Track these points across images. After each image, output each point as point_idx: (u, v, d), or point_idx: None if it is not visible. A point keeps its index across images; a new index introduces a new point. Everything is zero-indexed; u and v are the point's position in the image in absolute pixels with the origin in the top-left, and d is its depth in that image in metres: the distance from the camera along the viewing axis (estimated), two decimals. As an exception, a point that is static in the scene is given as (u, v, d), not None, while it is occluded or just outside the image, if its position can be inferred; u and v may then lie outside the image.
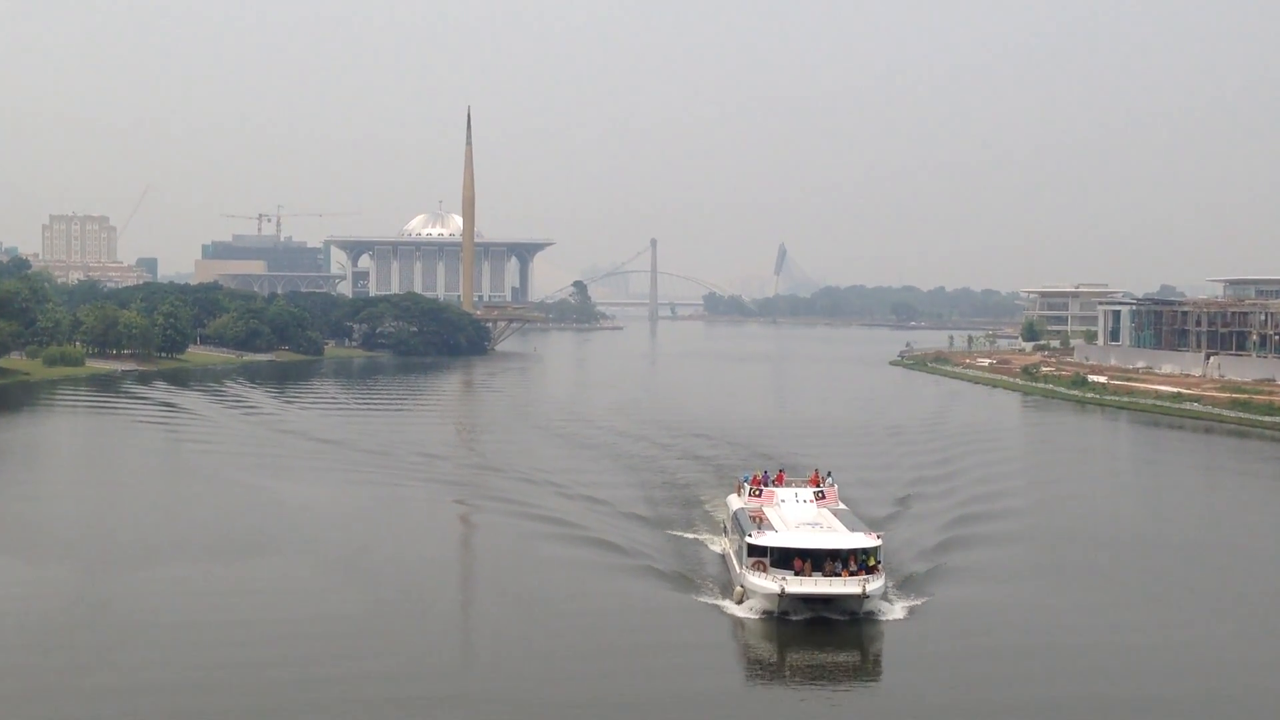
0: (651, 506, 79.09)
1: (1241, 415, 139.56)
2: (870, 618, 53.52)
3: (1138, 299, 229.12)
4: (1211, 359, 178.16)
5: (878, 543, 56.62)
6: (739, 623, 53.73)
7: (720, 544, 67.44)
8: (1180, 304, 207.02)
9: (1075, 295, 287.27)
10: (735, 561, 59.75)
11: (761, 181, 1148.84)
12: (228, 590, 58.90)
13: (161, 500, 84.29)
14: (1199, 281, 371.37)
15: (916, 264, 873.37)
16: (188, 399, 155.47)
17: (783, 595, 53.23)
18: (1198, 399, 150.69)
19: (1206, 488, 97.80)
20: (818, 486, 68.34)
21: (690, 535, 70.63)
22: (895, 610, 54.82)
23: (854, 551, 55.63)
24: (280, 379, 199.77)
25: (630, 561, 63.49)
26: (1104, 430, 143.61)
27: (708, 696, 45.40)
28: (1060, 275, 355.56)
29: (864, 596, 53.02)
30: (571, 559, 64.19)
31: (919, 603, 56.36)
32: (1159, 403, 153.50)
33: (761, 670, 49.82)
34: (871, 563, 55.50)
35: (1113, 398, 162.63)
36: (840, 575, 54.18)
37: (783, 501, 65.30)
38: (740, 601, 55.41)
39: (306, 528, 71.52)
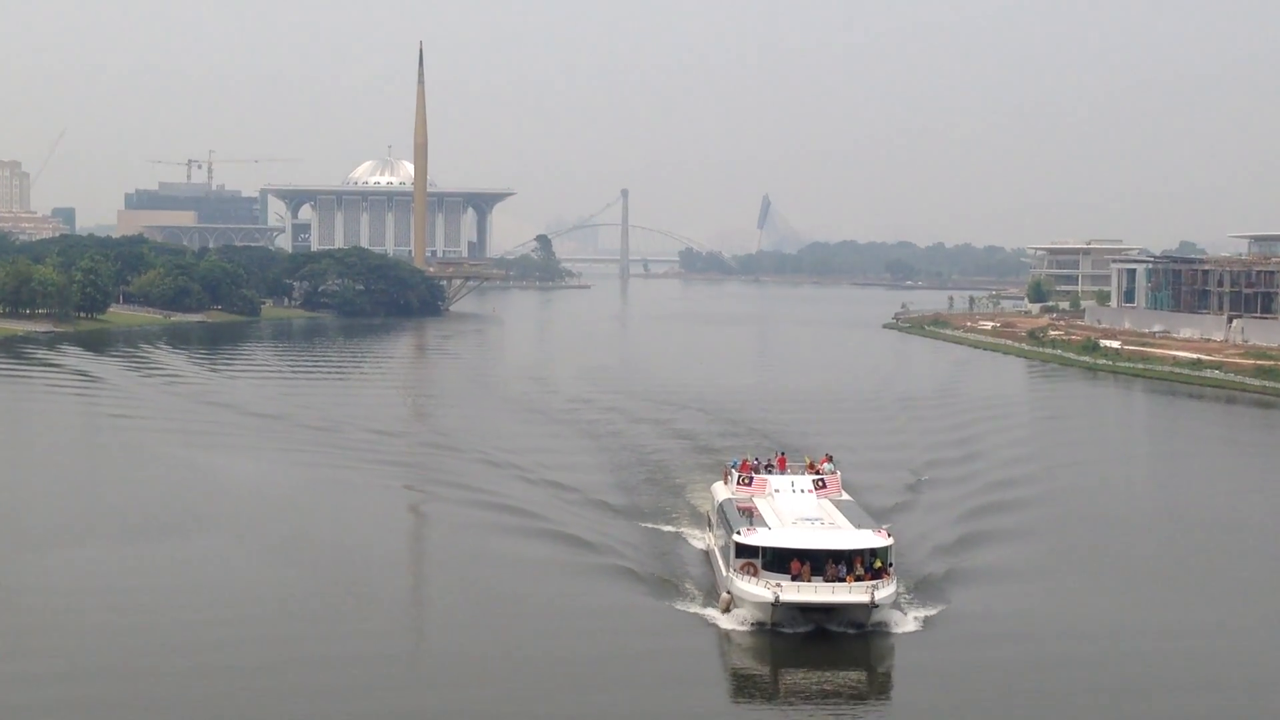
0: (625, 493, 76.24)
1: (1267, 384, 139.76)
2: (879, 630, 50.14)
3: (1154, 257, 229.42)
4: (1234, 322, 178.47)
5: (888, 542, 52.88)
6: (725, 636, 50.47)
7: (704, 539, 64.07)
8: (1201, 262, 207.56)
9: (1086, 252, 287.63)
10: (721, 563, 56.12)
11: (745, 127, 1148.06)
12: (151, 574, 58.32)
13: (75, 477, 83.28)
14: (1221, 238, 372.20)
15: (913, 218, 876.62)
16: (107, 366, 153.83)
17: (776, 604, 49.64)
18: (1219, 366, 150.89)
19: (1231, 464, 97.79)
20: (816, 474, 64.48)
21: (669, 528, 67.38)
22: (908, 621, 51.43)
23: (860, 552, 52.07)
24: (212, 342, 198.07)
25: (599, 560, 60.61)
26: (1119, 401, 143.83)
27: (684, 715, 42.95)
28: (1070, 231, 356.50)
29: (872, 606, 49.39)
30: (532, 556, 61.24)
31: (935, 611, 52.97)
32: (1177, 370, 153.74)
33: (751, 692, 46.62)
34: (880, 565, 51.81)
35: (1126, 365, 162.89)
36: (844, 581, 50.63)
37: (777, 491, 61.36)
38: (727, 610, 51.90)
39: (238, 516, 69.95)
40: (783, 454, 69.88)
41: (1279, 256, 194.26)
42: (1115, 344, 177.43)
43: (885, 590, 50.32)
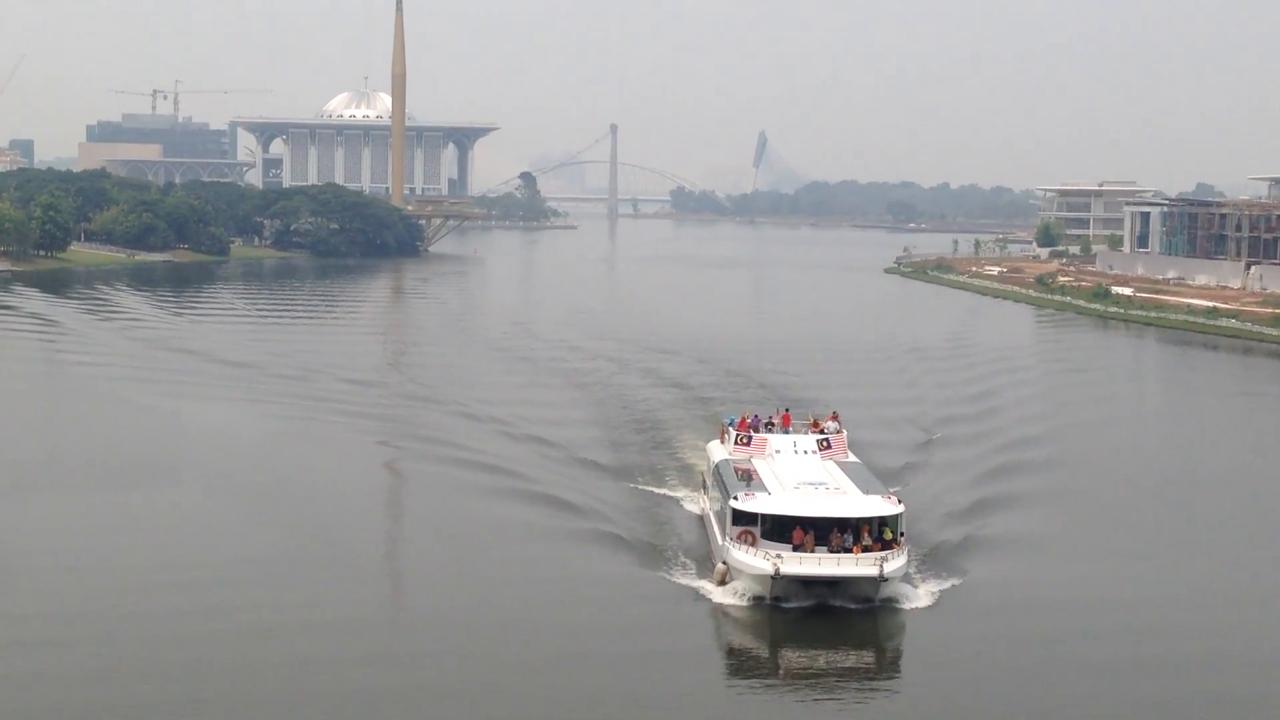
0: (613, 451, 74.73)
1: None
2: (888, 606, 48.21)
3: (1169, 199, 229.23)
4: (1252, 269, 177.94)
5: (899, 509, 50.77)
6: (720, 610, 48.61)
7: (699, 503, 62.06)
8: (1218, 205, 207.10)
9: (1098, 195, 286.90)
10: (716, 530, 54.00)
11: (741, 60, 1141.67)
12: (114, 527, 57.96)
13: (31, 426, 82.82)
14: (1240, 180, 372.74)
15: (917, 157, 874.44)
16: (66, 309, 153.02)
17: (777, 576, 47.54)
18: (1235, 315, 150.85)
19: (1250, 420, 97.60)
20: (820, 433, 62.40)
21: (660, 490, 65.67)
22: (919, 596, 49.60)
23: (868, 521, 50.11)
24: (178, 283, 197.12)
25: (584, 524, 58.82)
26: (1132, 351, 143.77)
27: (676, 704, 40.87)
28: (1082, 172, 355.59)
29: (881, 579, 47.36)
30: (513, 520, 59.47)
31: (949, 585, 51.08)
32: (1191, 319, 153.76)
33: (747, 672, 44.83)
34: (890, 535, 49.86)
35: (1139, 313, 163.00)
36: (850, 552, 48.57)
37: (778, 452, 59.25)
38: (722, 583, 50.04)
39: (205, 470, 69.17)
40: (787, 410, 67.74)
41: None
42: (1127, 291, 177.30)
43: (895, 562, 48.34)
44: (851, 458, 60.53)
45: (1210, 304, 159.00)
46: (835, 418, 64.92)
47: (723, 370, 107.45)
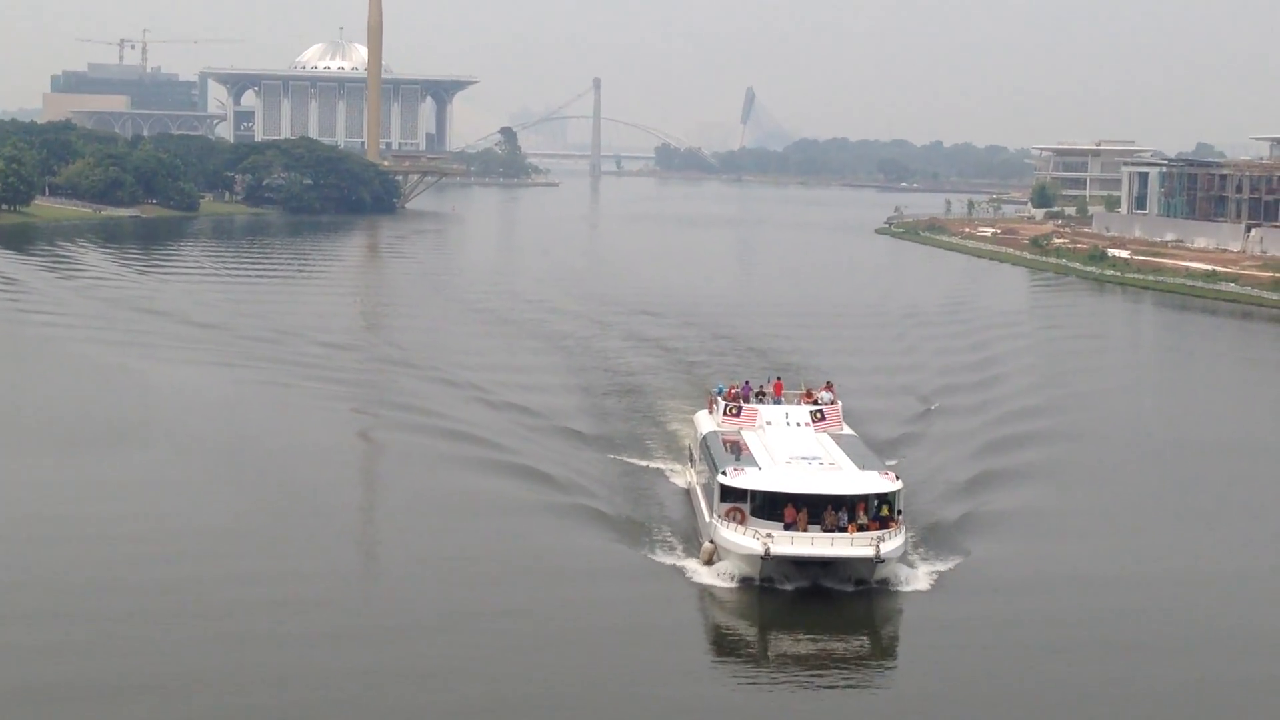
0: (595, 420, 73.62)
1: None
2: (884, 588, 46.91)
3: (1168, 159, 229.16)
4: (1253, 231, 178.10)
5: (897, 486, 49.29)
6: (706, 592, 47.18)
7: (685, 476, 60.54)
8: (1218, 166, 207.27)
9: (1095, 154, 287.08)
10: (703, 506, 52.39)
11: (728, 13, 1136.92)
12: (79, 492, 57.55)
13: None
14: (1241, 140, 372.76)
15: (909, 115, 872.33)
16: (29, 266, 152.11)
17: (767, 557, 46.13)
18: (1235, 279, 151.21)
19: (1254, 388, 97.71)
20: (814, 403, 60.56)
21: (644, 463, 64.09)
22: (917, 577, 48.11)
23: (865, 498, 48.61)
24: (145, 240, 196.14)
25: (564, 498, 57.44)
26: (1130, 316, 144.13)
27: (658, 690, 39.55)
28: (1079, 130, 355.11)
29: (877, 560, 45.94)
30: (490, 493, 58.09)
31: (949, 566, 49.64)
32: (1189, 282, 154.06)
33: (735, 657, 43.30)
34: (887, 513, 48.39)
35: (1136, 276, 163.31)
36: (845, 531, 47.25)
37: (769, 424, 57.58)
38: (709, 562, 48.52)
39: (173, 436, 68.68)
40: (779, 379, 66.21)
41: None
42: (1124, 254, 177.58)
43: (892, 542, 46.89)
44: (847, 430, 58.92)
45: (1209, 267, 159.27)
46: (829, 387, 63.41)
47: (710, 333, 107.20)
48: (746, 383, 63.53)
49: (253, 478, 60.82)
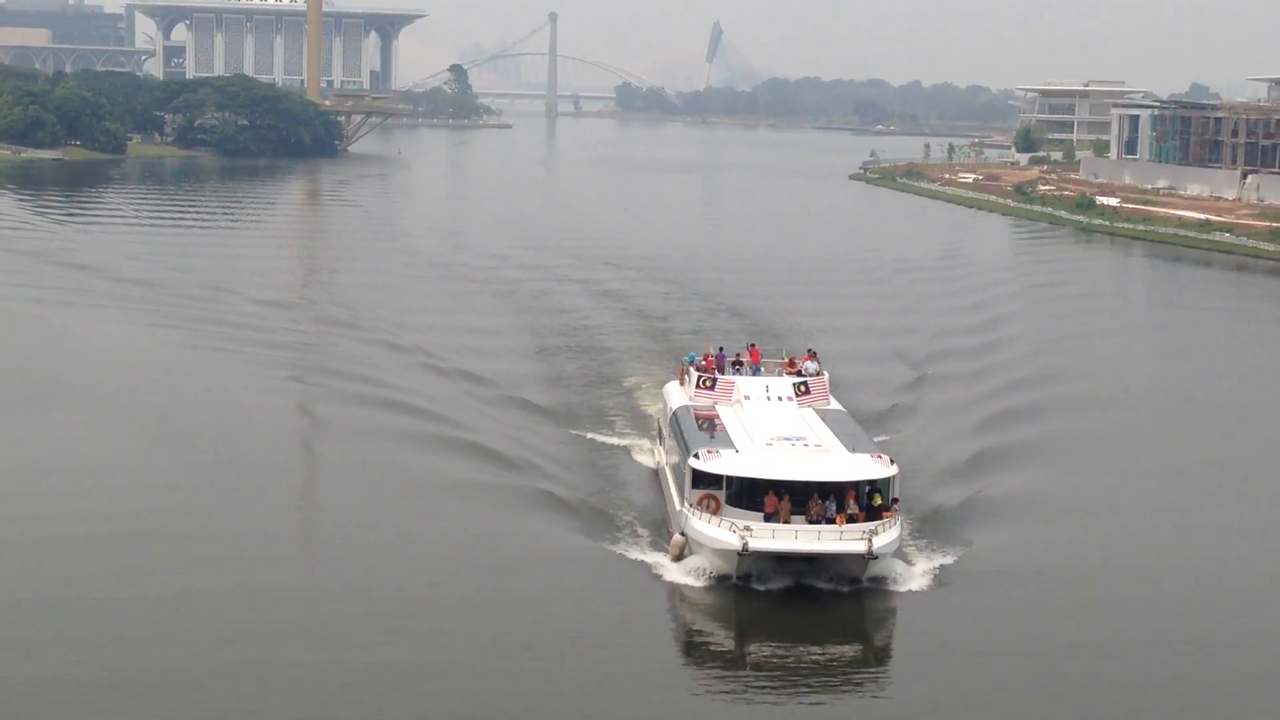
0: (552, 389, 71.41)
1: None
2: (877, 587, 44.24)
3: (1161, 102, 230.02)
4: (1249, 178, 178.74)
5: (891, 471, 46.62)
6: (676, 591, 44.35)
7: (654, 455, 57.87)
8: (1213, 109, 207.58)
9: (1084, 95, 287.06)
10: (674, 491, 49.65)
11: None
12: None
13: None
14: (1237, 81, 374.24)
15: (886, 53, 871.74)
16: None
17: (744, 553, 43.43)
18: (1230, 228, 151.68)
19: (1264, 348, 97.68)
20: (797, 374, 57.94)
21: (606, 438, 61.68)
22: (914, 575, 45.30)
23: (855, 485, 46.03)
24: (68, 184, 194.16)
25: (516, 480, 54.68)
26: (1123, 269, 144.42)
27: (621, 703, 37.16)
28: (1066, 70, 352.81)
29: (869, 557, 43.40)
30: (436, 475, 55.45)
31: (949, 560, 46.90)
32: (1182, 232, 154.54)
33: (708, 667, 40.39)
34: (880, 502, 45.83)
35: (1125, 225, 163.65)
36: (834, 522, 44.59)
37: (747, 398, 54.70)
38: (680, 557, 45.60)
39: (97, 401, 67.85)
40: (754, 345, 62.92)
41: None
42: (1113, 201, 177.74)
43: (887, 536, 44.28)
44: (834, 404, 56.28)
45: (1203, 216, 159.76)
46: (812, 356, 60.44)
47: (679, 289, 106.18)
48: (721, 350, 61.00)
49: (184, 442, 59.45)
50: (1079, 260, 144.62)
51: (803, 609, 43.69)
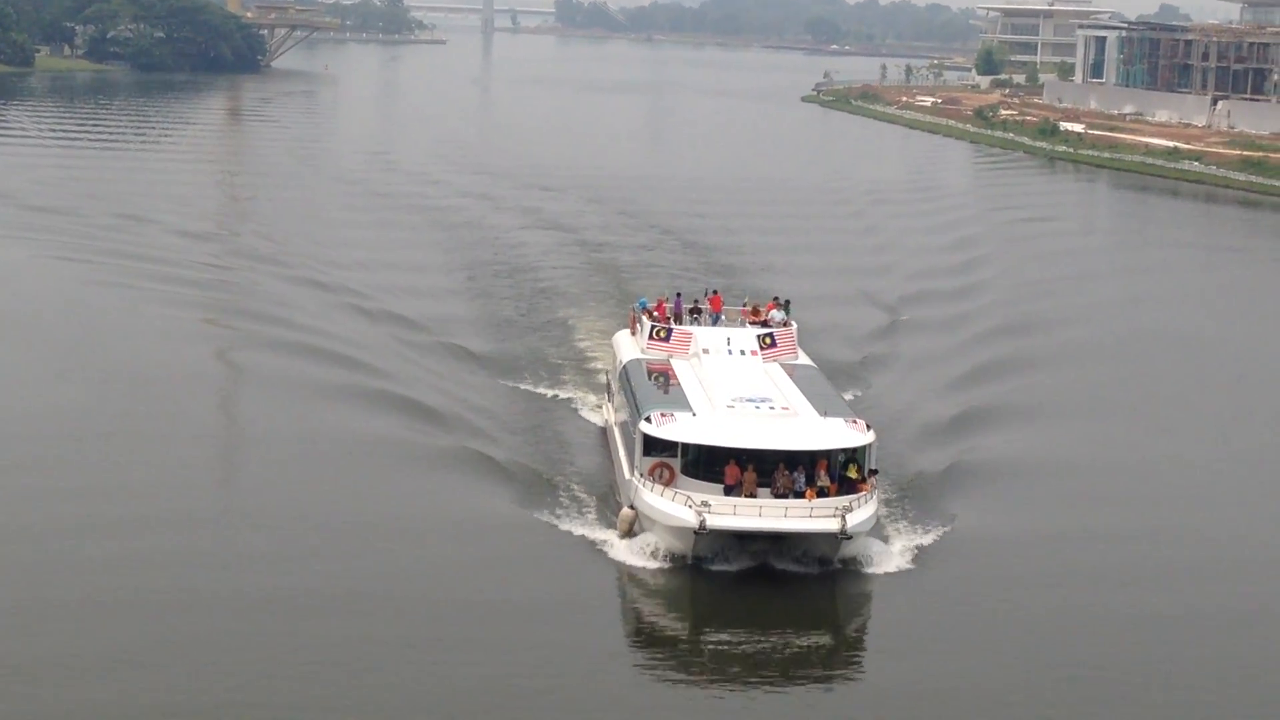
0: (489, 333, 68.72)
1: (1253, 179, 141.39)
2: (851, 569, 41.62)
3: (1129, 23, 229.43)
4: (1219, 104, 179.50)
5: (868, 438, 43.62)
6: (625, 573, 41.40)
7: (603, 412, 54.95)
8: (1183, 30, 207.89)
9: (1048, 15, 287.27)
10: (623, 458, 46.62)
11: None
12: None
13: None
14: (1208, 2, 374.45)
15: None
16: None
17: (702, 531, 40.45)
18: (1199, 156, 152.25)
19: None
20: (762, 324, 54.59)
21: (549, 391, 58.85)
22: (891, 555, 42.51)
23: (828, 454, 43.06)
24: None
25: (446, 440, 51.56)
26: (1088, 198, 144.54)
27: (560, 700, 34.30)
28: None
29: (843, 536, 40.43)
30: (357, 433, 52.17)
31: (931, 538, 44.10)
32: (1149, 160, 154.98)
33: (661, 658, 37.46)
34: (855, 474, 42.92)
35: (1090, 153, 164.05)
36: (803, 496, 41.76)
37: (705, 352, 51.58)
38: (630, 533, 42.69)
39: None
40: (716, 293, 59.29)
41: (1276, 26, 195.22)
42: (1078, 128, 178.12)
43: (862, 512, 41.31)
44: (803, 359, 53.11)
45: (1171, 144, 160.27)
46: (779, 304, 56.93)
47: (629, 223, 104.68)
48: (679, 295, 57.74)
49: (78, 406, 55.64)
50: (1045, 192, 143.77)
51: (767, 593, 40.73)
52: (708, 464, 43.10)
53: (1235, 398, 65.20)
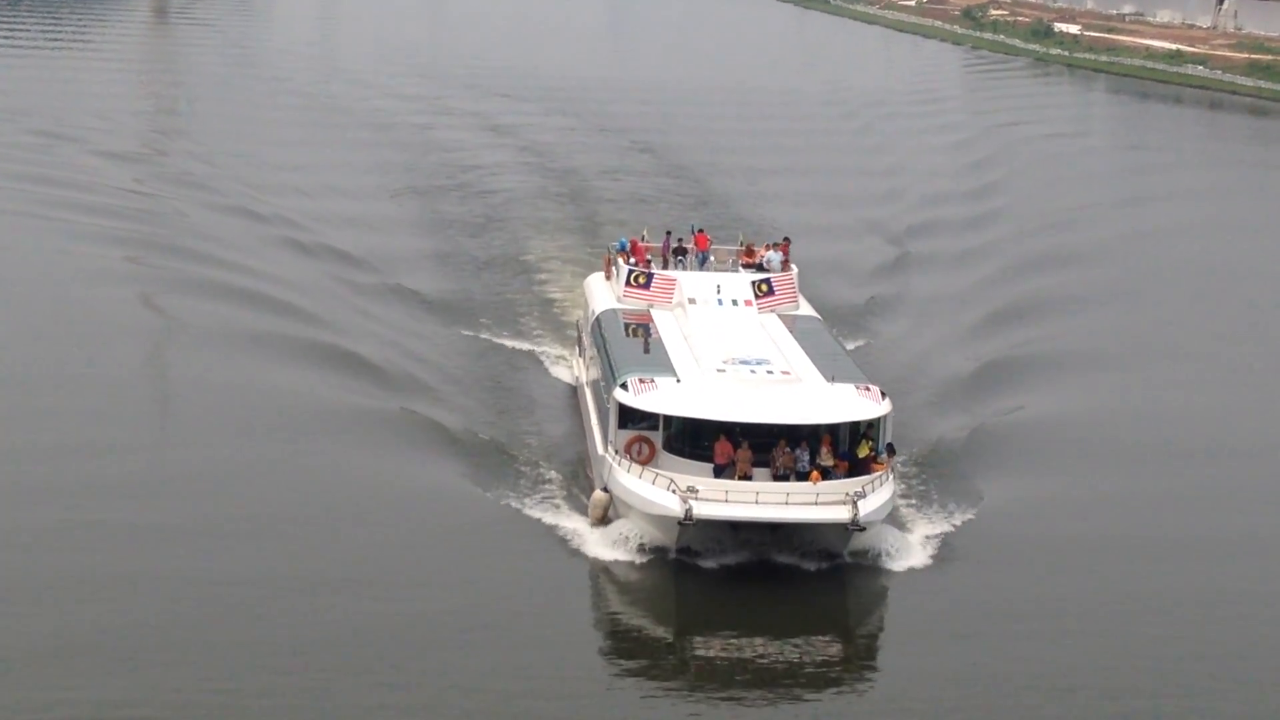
0: (442, 273, 64.47)
1: (1262, 85, 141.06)
2: (862, 563, 37.74)
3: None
4: (1225, 3, 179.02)
5: (884, 409, 39.34)
6: (598, 569, 37.62)
7: (573, 367, 51.08)
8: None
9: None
10: (596, 429, 42.68)
11: None
12: None
13: None
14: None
15: None
16: None
17: (688, 520, 36.49)
18: (1204, 60, 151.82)
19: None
20: (758, 268, 50.13)
21: (511, 342, 54.48)
22: (910, 546, 38.46)
23: (834, 428, 38.98)
24: None
25: (393, 403, 47.01)
26: (1085, 105, 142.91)
27: (523, 716, 31.12)
28: None
29: (854, 527, 36.46)
30: (292, 395, 47.65)
31: (954, 525, 40.01)
32: (1150, 64, 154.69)
33: (640, 669, 33.74)
34: (868, 451, 38.92)
35: (1087, 56, 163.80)
36: (807, 478, 37.87)
37: (692, 301, 47.16)
38: (603, 521, 38.73)
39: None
40: (701, 230, 53.97)
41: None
42: (1074, 29, 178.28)
43: (876, 498, 37.25)
44: (805, 309, 49.16)
45: (1173, 47, 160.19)
46: (774, 247, 51.88)
47: (600, 143, 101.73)
48: (668, 234, 52.63)
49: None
50: (1038, 97, 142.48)
51: (763, 593, 36.91)
52: (694, 439, 38.80)
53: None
